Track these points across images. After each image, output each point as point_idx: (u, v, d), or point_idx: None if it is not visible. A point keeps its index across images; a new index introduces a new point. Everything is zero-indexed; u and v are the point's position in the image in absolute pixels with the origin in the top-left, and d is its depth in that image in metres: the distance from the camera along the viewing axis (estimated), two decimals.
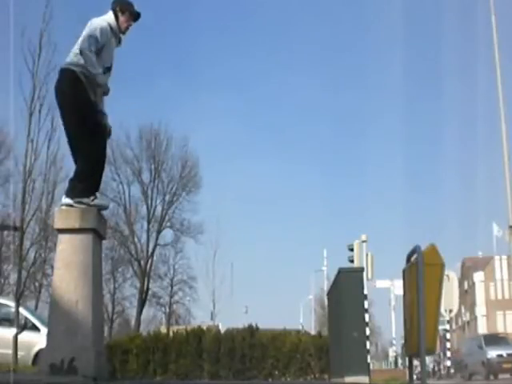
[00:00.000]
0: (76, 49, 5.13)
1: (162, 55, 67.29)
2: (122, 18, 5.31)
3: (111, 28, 5.25)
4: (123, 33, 5.43)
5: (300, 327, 36.65)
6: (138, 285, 35.87)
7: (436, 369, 34.12)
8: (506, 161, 18.71)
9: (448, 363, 23.29)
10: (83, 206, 5.16)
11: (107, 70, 5.25)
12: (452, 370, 23.25)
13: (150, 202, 36.58)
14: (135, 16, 5.41)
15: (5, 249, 24.64)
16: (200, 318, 38.80)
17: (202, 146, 72.58)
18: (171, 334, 13.17)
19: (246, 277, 77.39)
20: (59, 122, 12.64)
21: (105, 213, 5.62)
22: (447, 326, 22.19)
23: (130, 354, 11.68)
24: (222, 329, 18.23)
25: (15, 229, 13.72)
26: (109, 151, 34.95)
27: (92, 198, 5.13)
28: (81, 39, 5.12)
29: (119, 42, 5.39)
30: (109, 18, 5.27)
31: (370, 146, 74.09)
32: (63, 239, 5.18)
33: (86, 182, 5.19)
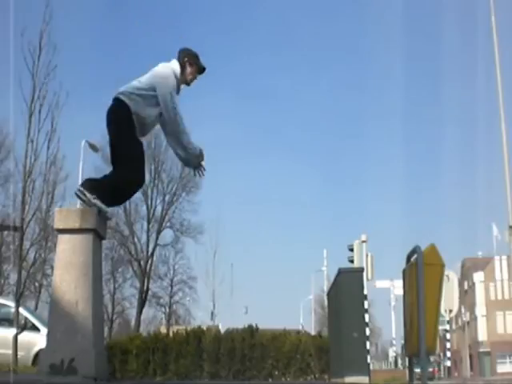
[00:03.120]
0: (136, 85, 5.15)
1: (162, 55, 67.29)
2: (189, 70, 5.31)
3: (175, 77, 5.26)
4: (188, 84, 5.44)
5: (300, 327, 36.67)
6: (138, 285, 35.86)
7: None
8: (506, 161, 18.72)
9: (448, 363, 23.31)
10: (83, 201, 5.10)
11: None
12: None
13: (150, 202, 36.58)
14: (202, 70, 5.41)
15: (5, 249, 24.63)
16: (200, 318, 38.90)
17: (202, 146, 72.45)
18: (171, 334, 13.17)
19: (245, 277, 77.56)
20: (59, 122, 12.66)
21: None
22: (447, 327, 22.19)
23: (130, 354, 11.66)
24: (222, 329, 18.23)
25: (15, 229, 13.72)
26: (109, 151, 34.97)
27: (94, 196, 5.06)
28: (147, 80, 5.17)
29: (178, 91, 5.35)
30: (176, 67, 5.26)
31: (370, 146, 74.17)
32: (63, 239, 5.17)
33: (107, 188, 5.17)
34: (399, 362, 47.80)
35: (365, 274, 10.55)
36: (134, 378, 11.20)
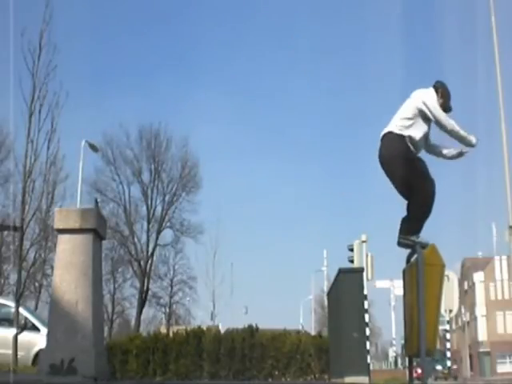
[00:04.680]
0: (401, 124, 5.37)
1: (162, 55, 67.36)
2: (439, 101, 5.45)
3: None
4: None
5: (300, 327, 36.64)
6: (138, 285, 35.85)
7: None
8: (506, 161, 18.71)
9: (448, 363, 23.31)
10: (411, 246, 5.25)
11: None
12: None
13: (150, 202, 36.58)
14: (447, 109, 5.50)
15: (5, 249, 24.61)
16: (200, 318, 38.88)
17: (201, 146, 72.65)
18: (171, 334, 13.17)
19: (245, 277, 77.54)
20: (59, 122, 12.65)
21: (104, 213, 5.62)
22: (447, 327, 22.18)
23: (130, 354, 11.67)
24: (222, 329, 18.23)
25: (15, 229, 13.71)
26: (109, 151, 34.34)
27: (416, 236, 5.23)
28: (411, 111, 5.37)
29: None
30: (434, 96, 5.43)
31: (370, 146, 74.01)
32: (63, 239, 5.18)
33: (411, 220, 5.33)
34: (399, 361, 47.81)
35: (365, 274, 10.55)
36: (134, 377, 11.20)
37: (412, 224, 5.29)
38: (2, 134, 29.07)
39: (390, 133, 5.40)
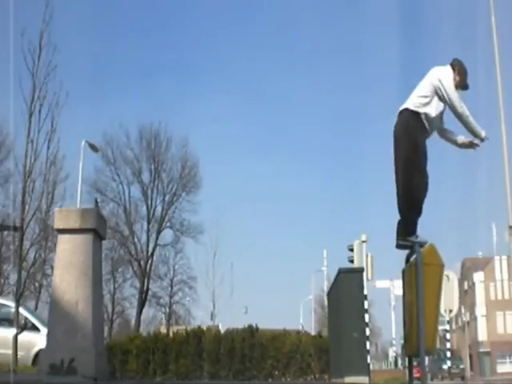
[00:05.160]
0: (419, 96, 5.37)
1: (163, 55, 67.37)
2: (456, 78, 5.48)
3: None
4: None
5: (300, 327, 36.67)
6: (138, 285, 35.85)
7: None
8: (506, 161, 18.70)
9: (448, 363, 23.32)
10: (410, 247, 5.23)
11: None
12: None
13: (150, 202, 36.58)
14: (464, 87, 5.55)
15: (5, 249, 24.61)
16: (200, 318, 38.88)
17: (202, 146, 72.67)
18: (171, 334, 13.17)
19: (245, 277, 77.51)
20: (59, 122, 12.65)
21: (104, 213, 5.62)
22: (447, 327, 22.18)
23: (130, 354, 11.67)
24: (222, 329, 18.23)
25: (15, 229, 13.71)
26: (109, 151, 34.29)
27: (415, 236, 5.23)
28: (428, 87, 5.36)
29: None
30: (450, 75, 5.44)
31: (370, 146, 74.16)
32: (63, 239, 5.18)
33: (403, 221, 5.30)
34: (399, 361, 47.78)
35: (365, 274, 10.56)
36: (134, 377, 11.20)
37: (406, 224, 5.27)
38: (2, 134, 29.09)
39: (406, 110, 5.39)
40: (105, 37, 63.61)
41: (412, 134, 5.30)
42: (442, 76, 5.39)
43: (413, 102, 5.40)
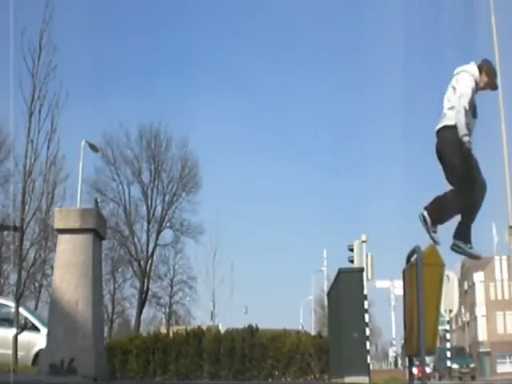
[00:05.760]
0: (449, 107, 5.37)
1: (163, 55, 67.33)
2: (484, 79, 5.46)
3: (476, 83, 5.44)
4: (479, 89, 5.54)
5: (300, 327, 36.65)
6: (138, 285, 35.86)
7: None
8: (506, 161, 18.71)
9: (448, 363, 23.30)
10: (460, 253, 5.38)
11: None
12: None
13: (150, 202, 36.60)
14: (494, 87, 5.58)
15: (5, 249, 24.63)
16: (200, 318, 38.86)
17: (202, 146, 72.68)
18: (171, 334, 13.16)
19: (245, 277, 77.48)
20: (59, 122, 12.65)
21: (104, 213, 5.62)
22: (447, 327, 22.17)
23: (130, 354, 11.67)
24: (222, 329, 18.22)
25: (15, 229, 13.71)
26: (109, 151, 34.36)
27: (469, 245, 5.31)
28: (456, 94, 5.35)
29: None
30: (476, 73, 5.43)
31: (370, 146, 74.17)
32: (63, 239, 5.18)
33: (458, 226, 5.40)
34: (399, 361, 47.76)
35: (365, 274, 10.56)
36: (134, 377, 11.20)
37: (465, 230, 5.38)
38: (2, 134, 29.11)
39: (442, 127, 5.37)
40: (105, 37, 63.61)
41: (452, 144, 5.28)
42: (460, 78, 5.38)
43: (447, 117, 5.36)
